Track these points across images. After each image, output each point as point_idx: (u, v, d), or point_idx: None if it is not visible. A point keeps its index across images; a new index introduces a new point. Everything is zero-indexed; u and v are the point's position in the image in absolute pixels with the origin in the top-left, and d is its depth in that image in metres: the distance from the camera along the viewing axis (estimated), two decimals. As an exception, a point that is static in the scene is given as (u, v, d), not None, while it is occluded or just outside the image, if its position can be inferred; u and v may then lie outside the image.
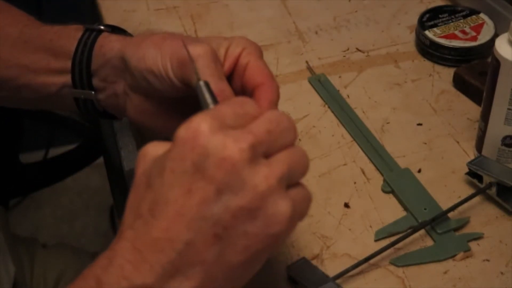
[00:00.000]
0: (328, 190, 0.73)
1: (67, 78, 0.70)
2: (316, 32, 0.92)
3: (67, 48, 0.69)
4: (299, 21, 0.94)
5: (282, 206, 0.48)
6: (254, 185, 0.47)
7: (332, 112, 0.82)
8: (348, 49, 0.90)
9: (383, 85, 0.85)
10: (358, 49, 0.90)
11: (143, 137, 0.81)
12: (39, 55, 0.71)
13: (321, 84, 0.85)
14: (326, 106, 0.82)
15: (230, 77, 0.65)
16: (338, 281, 0.63)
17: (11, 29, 0.73)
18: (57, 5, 1.57)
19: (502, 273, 0.65)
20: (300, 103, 0.83)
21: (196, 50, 0.61)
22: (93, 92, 0.70)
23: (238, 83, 0.65)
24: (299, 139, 0.78)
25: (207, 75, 0.61)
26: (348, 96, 0.83)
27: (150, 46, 0.65)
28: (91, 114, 0.72)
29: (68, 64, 0.69)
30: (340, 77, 0.86)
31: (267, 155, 0.49)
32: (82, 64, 0.69)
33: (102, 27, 0.70)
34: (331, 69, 0.87)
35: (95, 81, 0.69)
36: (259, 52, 0.66)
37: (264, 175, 0.48)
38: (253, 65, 0.64)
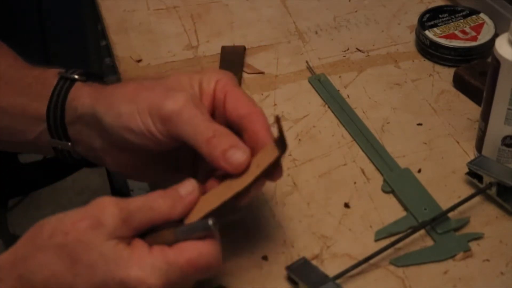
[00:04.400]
0: (328, 190, 0.73)
1: (43, 127, 0.69)
2: (316, 32, 0.92)
3: (43, 95, 0.68)
4: (299, 21, 0.94)
5: None
6: None
7: (332, 112, 0.81)
8: (348, 49, 0.90)
9: (383, 85, 0.85)
10: (358, 49, 0.90)
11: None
12: (18, 99, 0.70)
13: (321, 84, 0.85)
14: (326, 106, 0.82)
15: (212, 114, 0.64)
16: (338, 281, 0.63)
17: None
18: (57, 5, 1.57)
19: (502, 273, 0.65)
20: (300, 103, 0.83)
21: (177, 103, 0.60)
22: (69, 144, 0.69)
23: (220, 117, 0.64)
24: (299, 139, 0.78)
25: (196, 124, 0.60)
26: (348, 96, 0.83)
27: (123, 101, 0.62)
28: (71, 162, 0.71)
29: (43, 112, 0.68)
30: (340, 77, 0.86)
31: None
32: (56, 116, 0.68)
33: (76, 76, 0.68)
34: (331, 69, 0.87)
35: (71, 133, 0.68)
36: (233, 80, 0.65)
37: None
38: (232, 97, 0.63)
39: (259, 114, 0.62)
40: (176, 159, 0.67)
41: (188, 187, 0.58)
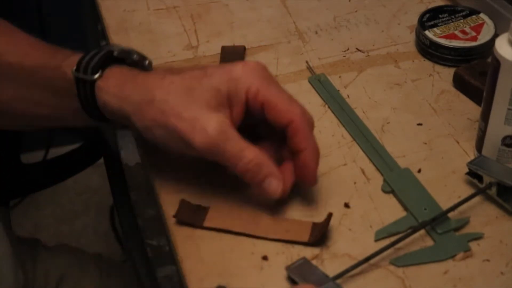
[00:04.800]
0: (328, 190, 0.73)
1: (80, 107, 0.70)
2: (316, 32, 0.92)
3: (70, 90, 0.69)
4: (299, 21, 0.94)
5: None
6: None
7: (332, 112, 0.82)
8: (348, 49, 0.90)
9: (383, 85, 0.85)
10: (358, 49, 0.90)
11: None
12: (47, 93, 0.71)
13: (321, 84, 0.85)
14: (326, 106, 0.82)
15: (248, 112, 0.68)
16: (338, 281, 0.63)
17: (12, 58, 0.72)
18: (57, 5, 1.57)
19: (502, 273, 0.65)
20: (300, 103, 0.82)
21: (205, 140, 0.63)
22: (109, 123, 0.71)
23: (259, 114, 0.67)
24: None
25: (228, 157, 0.64)
26: (348, 96, 0.83)
27: (153, 124, 0.65)
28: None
29: (78, 103, 0.70)
30: (340, 77, 0.86)
31: None
32: (91, 112, 0.70)
33: (95, 77, 0.68)
34: (331, 69, 0.87)
35: (108, 116, 0.70)
36: (263, 80, 0.67)
37: None
38: (269, 107, 0.66)
39: (301, 122, 0.66)
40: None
41: None
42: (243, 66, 0.66)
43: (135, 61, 0.71)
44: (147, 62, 0.72)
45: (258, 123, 0.70)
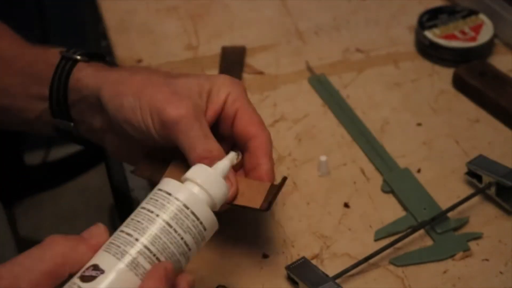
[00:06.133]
0: (328, 190, 0.73)
1: (46, 105, 0.68)
2: (316, 32, 0.92)
3: (45, 75, 0.68)
4: (299, 21, 0.94)
5: None
6: None
7: (332, 112, 0.82)
8: (348, 49, 0.90)
9: (383, 85, 0.85)
10: (358, 49, 0.90)
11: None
12: (19, 79, 0.70)
13: (321, 84, 0.85)
14: (326, 106, 0.82)
15: (216, 123, 0.64)
16: (338, 280, 0.63)
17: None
18: (58, 6, 1.57)
19: (501, 272, 0.65)
20: (300, 103, 0.83)
21: (178, 111, 0.60)
22: (72, 124, 0.69)
23: (226, 128, 0.65)
24: (299, 139, 0.78)
25: (192, 137, 0.60)
26: (348, 96, 0.83)
27: (128, 93, 0.62)
28: (71, 141, 0.71)
29: (46, 92, 0.68)
30: (340, 77, 0.86)
31: None
32: (59, 95, 0.67)
33: (78, 57, 0.68)
34: (331, 69, 0.87)
35: (73, 113, 0.68)
36: (243, 93, 0.65)
37: None
38: (243, 115, 0.64)
39: (266, 140, 0.63)
40: (171, 152, 0.67)
41: (94, 229, 0.57)
42: (227, 76, 0.65)
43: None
44: None
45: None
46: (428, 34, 0.87)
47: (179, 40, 0.92)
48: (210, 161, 0.59)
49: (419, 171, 0.74)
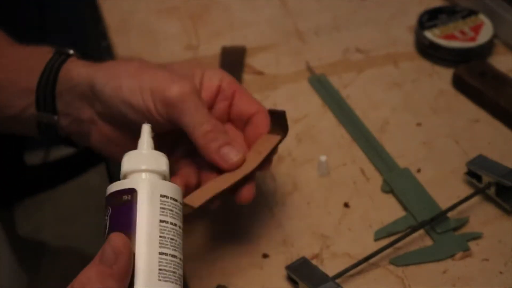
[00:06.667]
0: (328, 190, 0.73)
1: (31, 100, 0.68)
2: (316, 32, 0.93)
3: (36, 69, 0.68)
4: (299, 21, 0.94)
5: None
6: None
7: (332, 112, 0.82)
8: (348, 49, 0.90)
9: (383, 86, 0.85)
10: (358, 49, 0.90)
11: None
12: (8, 74, 0.69)
13: (321, 85, 0.85)
14: (326, 106, 0.83)
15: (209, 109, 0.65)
16: (338, 280, 0.63)
17: None
18: (58, 6, 1.57)
19: (501, 272, 0.65)
20: (300, 103, 0.83)
21: (183, 89, 0.61)
22: (55, 117, 0.68)
23: (221, 112, 0.66)
24: (299, 139, 0.79)
25: (198, 114, 0.61)
26: (348, 96, 0.83)
27: (126, 75, 0.63)
28: (52, 140, 0.70)
29: (34, 84, 0.68)
30: (340, 77, 0.86)
31: None
32: (47, 86, 0.67)
33: (71, 52, 0.68)
34: (331, 69, 0.87)
35: (59, 105, 0.68)
36: (235, 80, 0.67)
37: None
38: (242, 95, 0.66)
39: (266, 115, 0.65)
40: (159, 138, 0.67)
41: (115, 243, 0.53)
42: (218, 68, 0.67)
43: None
44: None
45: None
46: (428, 34, 0.87)
47: (179, 40, 0.92)
48: (215, 135, 0.61)
49: (419, 171, 0.75)
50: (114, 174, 0.87)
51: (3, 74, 0.69)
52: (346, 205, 0.72)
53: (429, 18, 0.89)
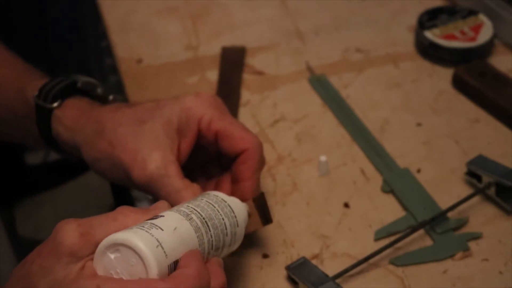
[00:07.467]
0: (328, 190, 0.73)
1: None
2: (316, 32, 0.93)
3: (29, 114, 0.70)
4: (299, 21, 0.94)
5: None
6: None
7: (332, 112, 0.82)
8: (348, 49, 0.90)
9: (383, 86, 0.85)
10: (358, 50, 0.90)
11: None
12: (3, 110, 0.72)
13: (320, 84, 0.85)
14: (326, 106, 0.83)
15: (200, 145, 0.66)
16: (338, 280, 0.63)
17: None
18: (58, 6, 1.57)
19: (501, 272, 0.65)
20: (300, 103, 0.83)
21: (144, 172, 0.62)
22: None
23: (211, 148, 0.66)
24: (299, 139, 0.79)
25: (166, 191, 0.62)
26: (348, 96, 0.83)
27: (102, 157, 0.65)
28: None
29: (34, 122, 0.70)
30: (340, 77, 0.86)
31: None
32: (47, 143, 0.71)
33: (54, 105, 0.68)
34: (331, 69, 0.87)
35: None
36: (216, 109, 0.65)
37: None
38: (223, 136, 0.64)
39: (253, 152, 0.64)
40: None
41: (159, 204, 0.57)
42: (195, 97, 0.65)
43: (98, 95, 0.71)
44: (111, 97, 0.72)
45: (209, 161, 0.69)
46: (428, 34, 0.87)
47: (179, 40, 0.92)
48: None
49: (419, 171, 0.75)
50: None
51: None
52: (346, 205, 0.72)
53: (429, 18, 0.89)
